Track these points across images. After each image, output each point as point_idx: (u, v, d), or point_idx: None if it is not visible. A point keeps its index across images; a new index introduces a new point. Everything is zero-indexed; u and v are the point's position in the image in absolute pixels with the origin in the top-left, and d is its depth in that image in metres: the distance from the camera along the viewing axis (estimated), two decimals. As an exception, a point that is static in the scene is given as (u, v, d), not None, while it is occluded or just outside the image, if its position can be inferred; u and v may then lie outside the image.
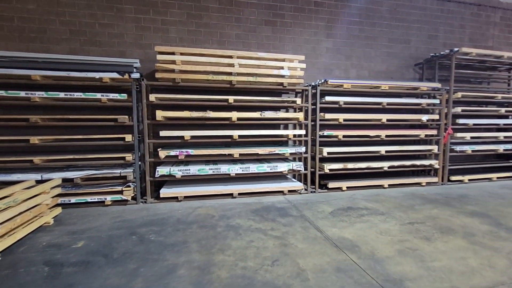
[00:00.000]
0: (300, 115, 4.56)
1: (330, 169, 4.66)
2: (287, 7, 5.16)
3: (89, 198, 3.86)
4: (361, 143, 5.16)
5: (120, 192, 3.94)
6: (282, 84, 4.51)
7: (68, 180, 3.80)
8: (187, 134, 4.14)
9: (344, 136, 4.72)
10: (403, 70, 5.81)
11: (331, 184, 4.72)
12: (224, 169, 4.23)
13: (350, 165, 4.76)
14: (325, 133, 4.65)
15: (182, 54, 4.09)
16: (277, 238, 2.83)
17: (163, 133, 4.12)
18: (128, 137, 3.97)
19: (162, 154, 4.07)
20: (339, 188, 4.77)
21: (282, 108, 5.20)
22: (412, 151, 5.13)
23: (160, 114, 4.01)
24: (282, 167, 4.46)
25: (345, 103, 4.69)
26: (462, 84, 5.79)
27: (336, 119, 4.67)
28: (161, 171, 4.07)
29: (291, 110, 5.25)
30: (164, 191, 4.12)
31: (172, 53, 4.09)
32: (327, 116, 4.61)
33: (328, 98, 4.61)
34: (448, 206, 3.92)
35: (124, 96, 3.93)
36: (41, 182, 3.34)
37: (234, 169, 4.26)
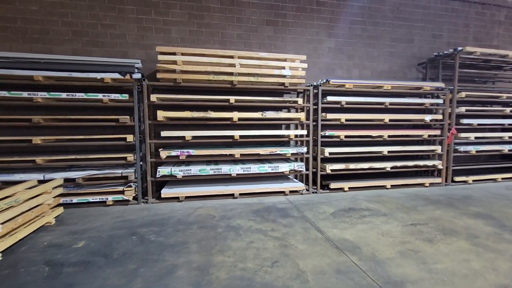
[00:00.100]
0: (302, 115, 4.54)
1: (332, 170, 4.63)
2: (288, 7, 5.14)
3: (91, 198, 3.88)
4: (363, 143, 5.13)
5: (122, 192, 3.96)
6: (283, 84, 4.49)
7: (70, 180, 3.82)
8: (188, 134, 4.14)
9: (346, 136, 4.69)
10: (406, 70, 5.76)
11: (333, 185, 4.69)
12: (225, 169, 4.23)
13: (352, 166, 4.73)
14: (327, 133, 4.62)
15: (183, 54, 4.10)
16: (277, 239, 2.82)
17: (164, 133, 4.13)
18: (130, 137, 3.98)
19: (163, 154, 4.07)
20: (341, 189, 4.74)
21: (284, 108, 5.18)
22: (415, 152, 5.08)
23: (161, 114, 4.01)
24: (284, 167, 4.45)
25: (347, 103, 4.66)
26: (466, 84, 5.72)
27: (338, 119, 4.64)
28: (162, 171, 4.08)
29: (293, 110, 5.23)
30: (165, 191, 4.13)
31: (173, 53, 4.09)
32: (329, 116, 4.58)
33: (330, 98, 4.58)
34: (451, 207, 3.88)
35: (125, 96, 3.94)
36: (43, 182, 3.35)
37: (235, 170, 4.26)
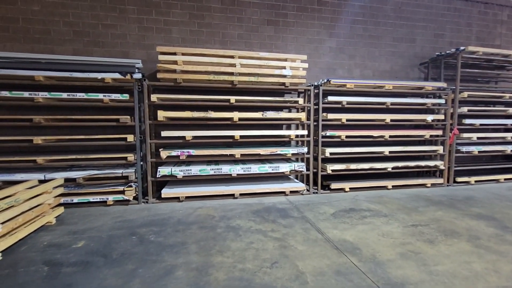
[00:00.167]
0: (302, 115, 4.52)
1: (333, 170, 4.61)
2: (289, 7, 5.12)
3: (91, 198, 3.89)
4: (364, 143, 5.10)
5: (122, 192, 3.96)
6: (284, 84, 4.48)
7: (70, 180, 3.83)
8: (188, 134, 4.14)
9: (347, 137, 4.66)
10: (408, 70, 5.73)
11: (333, 185, 4.68)
12: (225, 169, 4.22)
13: (353, 166, 4.71)
14: (328, 133, 4.61)
15: (183, 54, 4.09)
16: (277, 240, 2.81)
17: (164, 133, 4.13)
18: (130, 137, 3.98)
19: (164, 154, 4.07)
20: (342, 189, 4.72)
21: (285, 108, 5.16)
22: (417, 152, 5.04)
23: (161, 114, 4.01)
24: (284, 167, 4.43)
25: (348, 103, 4.64)
26: (468, 84, 5.68)
27: (339, 119, 4.62)
28: (163, 171, 4.08)
29: (294, 110, 5.22)
30: (166, 191, 4.13)
31: (173, 53, 4.09)
32: (330, 116, 4.56)
33: (330, 98, 4.56)
34: (453, 208, 3.85)
35: (126, 96, 3.95)
36: (44, 181, 3.36)
37: (236, 170, 4.25)
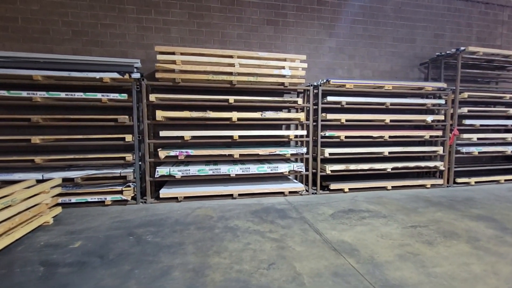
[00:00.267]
0: (302, 116, 4.51)
1: (332, 170, 4.59)
2: (289, 6, 5.11)
3: (89, 198, 3.88)
4: (364, 144, 5.08)
5: (120, 192, 3.95)
6: (283, 84, 4.46)
7: (69, 180, 3.82)
8: (187, 134, 4.13)
9: (346, 137, 4.64)
10: (408, 70, 5.70)
11: (332, 186, 4.66)
12: (224, 169, 4.21)
13: (352, 166, 4.69)
14: (327, 133, 4.59)
15: (182, 54, 4.08)
16: (274, 241, 2.79)
17: (163, 133, 4.12)
18: (128, 137, 3.97)
19: (162, 154, 4.06)
20: (341, 190, 4.70)
21: (284, 109, 5.14)
22: (416, 153, 5.02)
23: (160, 114, 4.00)
24: (283, 168, 4.42)
25: (347, 103, 4.62)
26: (468, 84, 5.65)
27: (338, 120, 4.60)
28: (161, 171, 4.06)
29: (293, 110, 5.20)
30: (164, 192, 4.11)
31: (172, 53, 4.08)
32: (329, 116, 4.55)
33: (330, 98, 4.54)
34: (452, 209, 3.82)
35: (124, 96, 3.94)
36: (42, 181, 3.35)
37: (234, 170, 4.23)
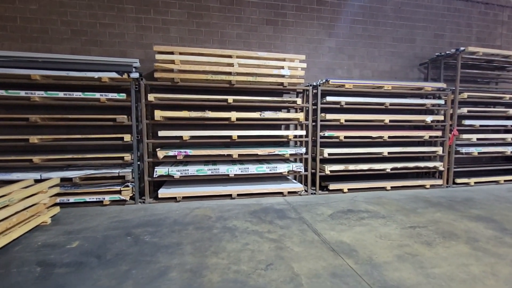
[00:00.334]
0: (301, 116, 4.50)
1: (331, 171, 4.58)
2: (288, 6, 5.09)
3: (88, 198, 3.86)
4: (363, 144, 5.07)
5: (119, 192, 3.94)
6: (282, 84, 4.45)
7: (67, 180, 3.81)
8: (186, 134, 4.12)
9: (345, 137, 4.63)
10: (408, 70, 5.69)
11: (332, 186, 4.65)
12: (223, 169, 4.20)
13: (351, 167, 4.67)
14: (326, 133, 4.58)
15: (181, 53, 4.07)
16: (273, 241, 2.78)
17: (161, 133, 4.10)
18: (127, 137, 3.96)
19: (161, 154, 4.05)
20: (340, 190, 4.69)
21: (283, 109, 5.13)
22: (416, 153, 5.01)
23: (158, 114, 3.99)
24: (282, 168, 4.41)
25: (346, 103, 4.60)
26: (468, 84, 5.64)
27: (338, 120, 4.59)
28: (160, 171, 4.05)
29: (292, 110, 5.18)
30: (163, 192, 4.10)
31: (171, 52, 4.07)
32: (328, 116, 4.53)
33: (329, 98, 4.53)
34: (452, 209, 3.81)
35: (123, 95, 3.93)
36: (40, 181, 3.34)
37: (233, 170, 4.22)
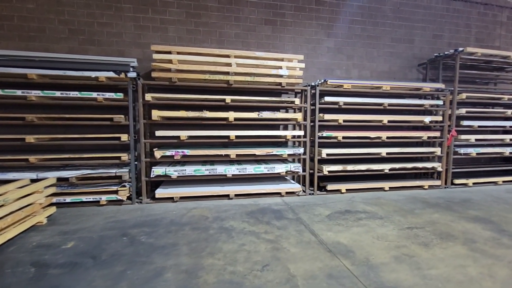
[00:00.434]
0: (299, 116, 4.48)
1: (329, 171, 4.57)
2: (287, 6, 5.08)
3: (84, 198, 3.84)
4: (361, 144, 5.06)
5: (115, 192, 3.92)
6: (280, 84, 4.43)
7: (63, 179, 3.79)
8: (183, 134, 4.10)
9: (343, 137, 4.62)
10: (406, 71, 5.69)
11: (330, 186, 4.64)
12: (220, 169, 4.18)
13: (349, 167, 4.66)
14: (324, 134, 4.56)
15: (179, 53, 4.05)
16: (269, 242, 2.77)
17: (159, 133, 4.09)
18: (124, 137, 3.94)
19: (158, 154, 4.03)
20: (338, 191, 4.68)
21: (281, 109, 5.12)
22: (414, 153, 5.00)
23: (156, 113, 3.97)
24: (280, 168, 4.39)
25: (345, 103, 4.59)
26: (467, 85, 5.64)
27: (336, 120, 4.58)
28: (157, 171, 4.03)
29: (290, 110, 5.17)
30: (160, 192, 4.09)
31: (168, 52, 4.05)
32: (327, 116, 4.52)
33: (327, 99, 4.52)
34: (449, 210, 3.80)
35: (120, 95, 3.91)
36: (37, 181, 3.32)
37: (231, 170, 4.20)
